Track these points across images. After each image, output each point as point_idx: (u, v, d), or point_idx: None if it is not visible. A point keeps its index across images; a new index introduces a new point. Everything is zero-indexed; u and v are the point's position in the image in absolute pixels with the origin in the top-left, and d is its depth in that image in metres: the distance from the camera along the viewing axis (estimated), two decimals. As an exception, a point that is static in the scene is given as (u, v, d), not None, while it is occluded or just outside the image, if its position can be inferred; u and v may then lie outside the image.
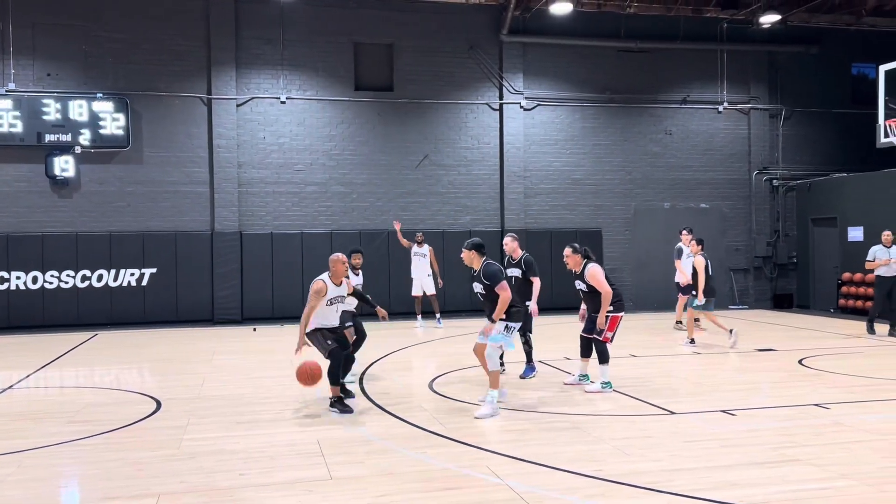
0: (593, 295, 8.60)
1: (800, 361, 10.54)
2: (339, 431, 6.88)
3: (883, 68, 11.39)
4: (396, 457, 6.07)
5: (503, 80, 18.08)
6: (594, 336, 8.60)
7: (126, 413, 7.74)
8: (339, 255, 7.90)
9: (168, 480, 5.54)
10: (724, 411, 7.45)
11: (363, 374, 9.80)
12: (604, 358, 8.57)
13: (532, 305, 9.17)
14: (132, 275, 16.34)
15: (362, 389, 8.80)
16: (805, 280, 19.13)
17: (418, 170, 17.80)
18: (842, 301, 17.37)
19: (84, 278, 16.12)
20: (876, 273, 13.20)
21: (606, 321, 8.46)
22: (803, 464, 5.70)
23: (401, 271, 16.69)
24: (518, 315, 7.72)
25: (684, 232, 13.91)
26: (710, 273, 12.02)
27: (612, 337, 8.61)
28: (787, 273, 19.45)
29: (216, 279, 16.66)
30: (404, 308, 16.97)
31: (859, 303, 16.69)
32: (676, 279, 13.88)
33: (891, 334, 12.97)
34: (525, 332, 9.35)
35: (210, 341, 13.78)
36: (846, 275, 17.22)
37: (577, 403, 7.98)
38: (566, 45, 18.33)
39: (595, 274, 8.55)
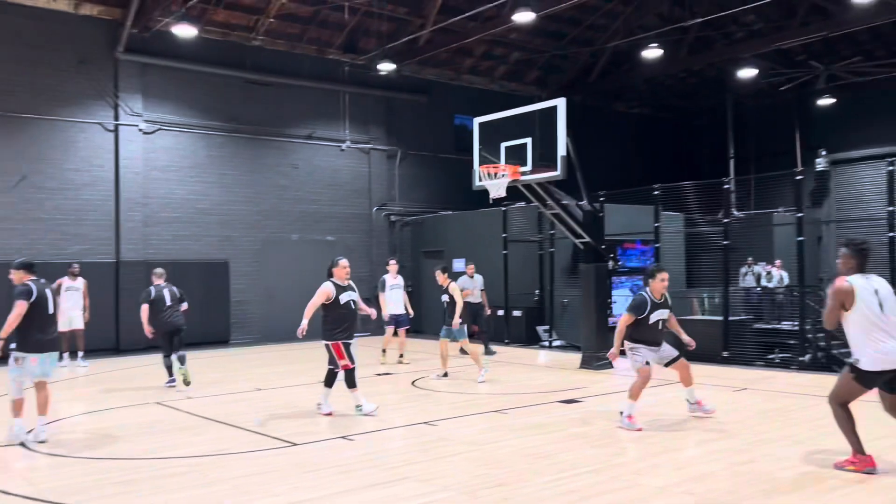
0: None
1: (412, 383, 11.41)
2: None
3: (477, 121, 12.99)
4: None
5: (119, 101, 16.78)
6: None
7: None
8: None
9: None
10: (343, 437, 7.69)
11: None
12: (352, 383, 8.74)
13: None
14: None
15: (-72, 454, 7.28)
16: (419, 307, 20.89)
17: (14, 192, 15.56)
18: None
19: None
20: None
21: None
22: (412, 480, 6.11)
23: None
24: (38, 345, 7.48)
25: (392, 262, 14.23)
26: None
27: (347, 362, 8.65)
28: (403, 301, 21.03)
29: None
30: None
31: (462, 326, 18.70)
32: (390, 311, 13.86)
33: (486, 353, 14.75)
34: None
35: None
36: (451, 302, 19.22)
37: (196, 444, 7.58)
38: (191, 70, 17.71)
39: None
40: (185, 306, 11.41)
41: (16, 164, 15.62)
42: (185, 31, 15.61)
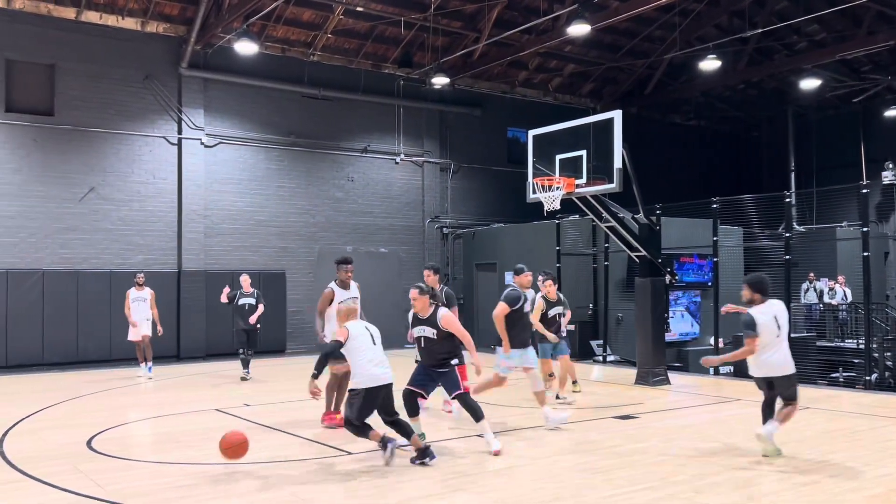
0: (439, 342, 7.44)
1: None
2: (-34, 507, 5.83)
3: (532, 133, 12.97)
4: (41, 530, 5.30)
5: (182, 115, 17.29)
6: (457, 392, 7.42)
7: None
8: None
9: None
10: (398, 447, 7.72)
11: (4, 434, 8.48)
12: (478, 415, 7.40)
13: None
14: None
15: (2, 454, 7.59)
16: (470, 320, 20.89)
17: (83, 204, 16.17)
18: (501, 338, 19.26)
19: None
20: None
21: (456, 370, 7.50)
22: (467, 493, 6.10)
23: (56, 317, 15.06)
24: None
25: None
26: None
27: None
28: (455, 313, 21.07)
29: None
30: (58, 358, 15.34)
31: (515, 339, 18.65)
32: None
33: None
34: None
35: None
36: (504, 314, 19.17)
37: (255, 451, 7.71)
38: (250, 85, 18.16)
39: (450, 318, 7.45)
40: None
41: (85, 177, 16.23)
42: (246, 47, 16.01)
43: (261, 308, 13.28)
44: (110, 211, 16.48)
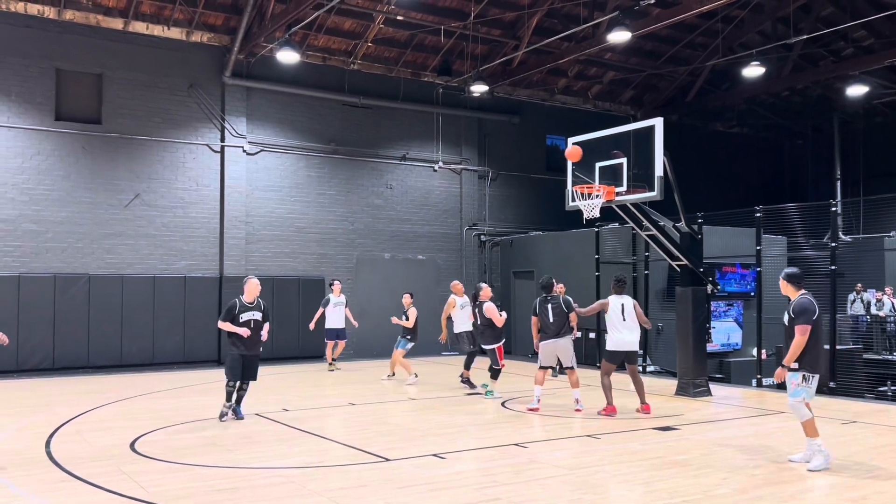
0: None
1: (503, 404, 11.36)
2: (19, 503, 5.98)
3: (571, 140, 12.89)
4: (86, 529, 5.40)
5: (225, 123, 17.58)
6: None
7: None
8: None
9: None
10: (434, 455, 7.74)
11: (51, 435, 8.69)
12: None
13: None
14: None
15: (49, 454, 7.78)
16: (508, 327, 20.81)
17: (128, 210, 16.51)
18: (538, 347, 19.16)
19: None
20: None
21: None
22: (504, 501, 6.08)
23: (101, 321, 15.38)
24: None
25: (336, 283, 16.03)
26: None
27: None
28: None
29: None
30: (103, 361, 15.65)
31: (552, 348, 18.52)
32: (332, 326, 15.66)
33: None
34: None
35: None
36: (542, 323, 19.06)
37: (293, 455, 7.78)
38: (291, 93, 18.39)
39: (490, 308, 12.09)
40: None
41: (131, 184, 16.58)
42: (287, 56, 16.23)
43: (266, 327, 10.21)
44: (154, 217, 16.80)
